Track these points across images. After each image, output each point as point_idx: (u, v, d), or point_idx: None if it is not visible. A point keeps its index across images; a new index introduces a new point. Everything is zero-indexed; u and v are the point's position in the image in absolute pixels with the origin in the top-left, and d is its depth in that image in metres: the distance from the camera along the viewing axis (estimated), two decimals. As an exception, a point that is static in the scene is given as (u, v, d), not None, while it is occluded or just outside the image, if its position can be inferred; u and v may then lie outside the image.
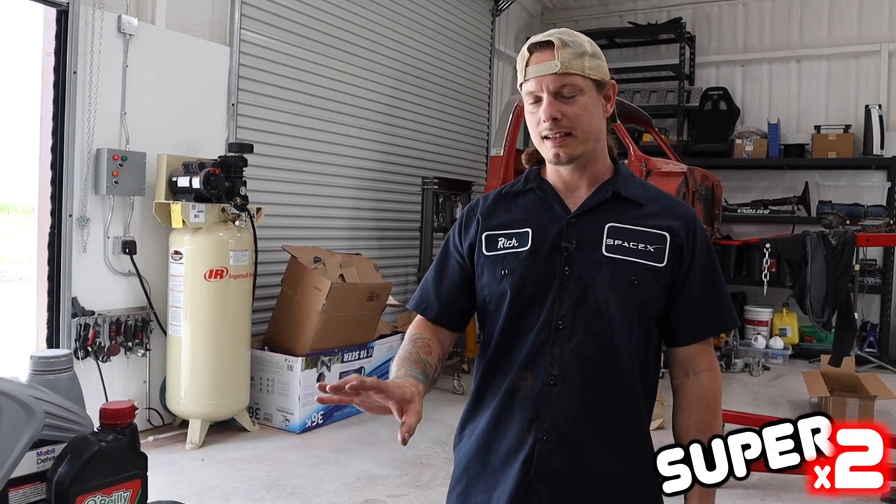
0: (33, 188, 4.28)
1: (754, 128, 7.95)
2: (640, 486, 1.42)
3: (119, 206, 4.41)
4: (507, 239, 1.46)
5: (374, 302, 5.08)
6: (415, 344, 1.48)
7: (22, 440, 1.07)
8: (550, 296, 1.40)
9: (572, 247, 1.41)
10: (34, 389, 1.10)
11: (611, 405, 1.40)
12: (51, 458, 1.10)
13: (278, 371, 4.73)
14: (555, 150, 1.41)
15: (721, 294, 1.49)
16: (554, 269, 1.41)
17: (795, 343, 7.50)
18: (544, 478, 1.38)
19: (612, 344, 1.39)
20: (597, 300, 1.39)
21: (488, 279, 1.47)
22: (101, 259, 4.35)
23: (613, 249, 1.40)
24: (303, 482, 3.88)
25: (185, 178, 4.36)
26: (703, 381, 1.47)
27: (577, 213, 1.44)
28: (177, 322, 4.35)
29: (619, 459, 1.41)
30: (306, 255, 4.94)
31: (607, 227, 1.42)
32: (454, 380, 5.87)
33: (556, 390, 1.38)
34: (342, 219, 6.10)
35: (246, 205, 4.49)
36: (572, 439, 1.38)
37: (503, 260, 1.45)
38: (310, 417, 4.74)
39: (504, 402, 1.43)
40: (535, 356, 1.40)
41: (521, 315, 1.42)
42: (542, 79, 1.38)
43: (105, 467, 1.08)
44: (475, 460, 1.47)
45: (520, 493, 1.38)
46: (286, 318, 4.87)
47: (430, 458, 4.29)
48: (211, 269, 4.30)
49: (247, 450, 4.34)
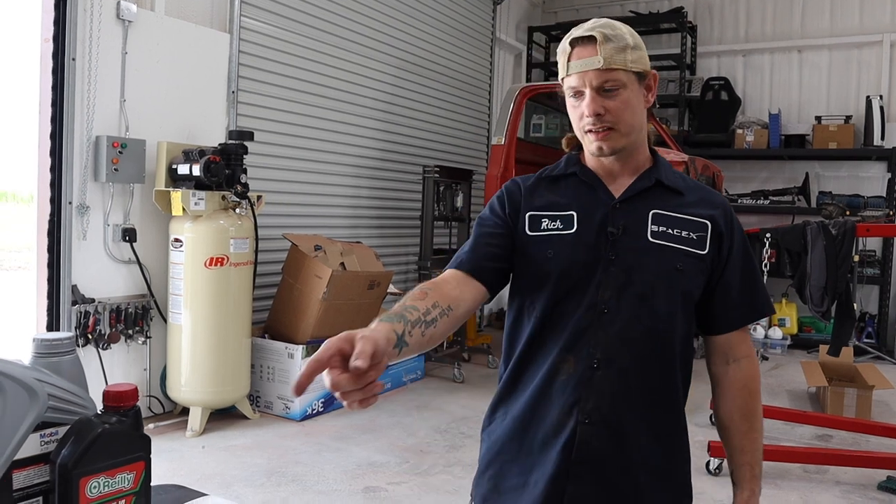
0: (33, 176, 4.27)
1: (755, 118, 7.94)
2: (677, 471, 1.46)
3: (119, 194, 4.40)
4: (552, 221, 1.45)
5: (374, 290, 5.08)
6: (409, 295, 1.30)
7: (25, 422, 1.07)
8: (595, 280, 1.40)
9: (619, 232, 1.41)
10: (37, 372, 1.10)
11: (652, 390, 1.41)
12: (54, 440, 1.09)
13: (279, 359, 4.73)
14: (598, 144, 1.41)
15: (758, 281, 1.51)
16: (599, 253, 1.41)
17: (794, 333, 7.50)
18: (585, 461, 1.38)
19: (655, 329, 1.40)
20: (642, 286, 1.39)
21: (531, 260, 1.45)
22: (100, 247, 4.34)
23: (658, 236, 1.41)
24: (303, 469, 3.89)
25: (185, 165, 4.35)
26: (743, 367, 1.50)
27: (622, 198, 1.44)
28: (177, 310, 4.35)
29: (658, 444, 1.42)
30: (307, 242, 4.93)
31: (651, 214, 1.43)
32: (454, 368, 5.88)
33: (599, 374, 1.38)
34: (343, 207, 6.09)
35: (246, 192, 4.48)
36: (614, 423, 1.38)
37: (548, 241, 1.44)
38: (310, 405, 4.74)
39: (544, 384, 1.42)
40: (578, 339, 1.39)
41: (564, 298, 1.41)
42: (585, 74, 1.38)
43: (108, 449, 1.07)
44: (510, 443, 1.47)
45: (559, 477, 1.38)
46: (287, 306, 4.87)
47: (430, 446, 4.30)
48: (211, 256, 4.29)
49: (247, 437, 4.35)
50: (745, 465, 1.48)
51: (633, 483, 1.40)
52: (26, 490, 1.08)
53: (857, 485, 3.87)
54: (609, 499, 1.39)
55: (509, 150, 6.25)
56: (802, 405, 5.42)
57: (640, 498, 1.40)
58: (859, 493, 3.78)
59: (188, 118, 4.75)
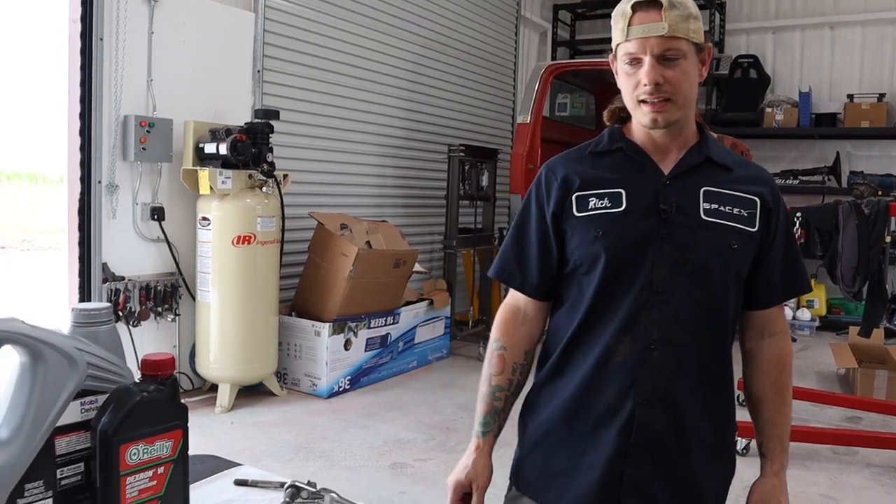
0: (62, 156, 4.31)
1: (785, 96, 7.81)
2: (726, 447, 1.46)
3: (147, 173, 4.44)
4: (599, 199, 1.41)
5: (400, 269, 5.09)
6: (489, 362, 1.50)
7: (66, 390, 1.08)
8: (647, 259, 1.37)
9: (672, 210, 1.37)
10: (76, 341, 1.11)
11: (707, 369, 1.40)
12: (94, 407, 1.11)
13: (306, 337, 4.77)
14: (652, 116, 1.36)
15: (798, 258, 1.49)
16: (651, 231, 1.37)
17: (823, 315, 7.42)
18: (645, 444, 1.36)
19: (711, 308, 1.38)
20: (697, 264, 1.36)
21: (579, 241, 1.42)
22: (130, 225, 4.39)
23: (711, 213, 1.38)
24: (331, 445, 3.93)
25: (211, 144, 4.37)
26: (779, 342, 1.49)
27: (672, 175, 1.40)
28: (205, 287, 4.39)
29: (711, 423, 1.41)
30: (333, 221, 4.95)
31: (703, 191, 1.39)
32: (480, 347, 5.89)
33: (656, 355, 1.35)
34: (368, 186, 6.10)
35: (273, 171, 4.49)
36: (673, 405, 1.37)
37: (596, 221, 1.40)
38: (337, 382, 4.78)
39: (597, 366, 1.39)
40: (633, 320, 1.36)
41: (615, 278, 1.38)
42: (647, 41, 1.32)
43: (147, 417, 1.09)
44: (559, 426, 1.44)
45: (617, 459, 1.36)
46: (313, 285, 4.90)
47: (456, 424, 4.32)
48: (238, 234, 4.32)
49: (275, 413, 4.40)
50: (775, 437, 1.47)
51: (688, 463, 1.39)
52: (68, 456, 1.10)
53: (887, 467, 3.83)
54: (667, 479, 1.38)
55: (535, 128, 6.21)
56: (831, 387, 5.36)
57: (695, 477, 1.40)
58: (890, 475, 3.74)
59: (214, 97, 4.77)
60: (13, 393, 1.08)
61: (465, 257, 6.57)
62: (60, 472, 1.09)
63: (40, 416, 1.07)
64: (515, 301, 1.53)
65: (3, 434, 1.06)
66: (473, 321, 6.43)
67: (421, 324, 5.54)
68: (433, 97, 6.76)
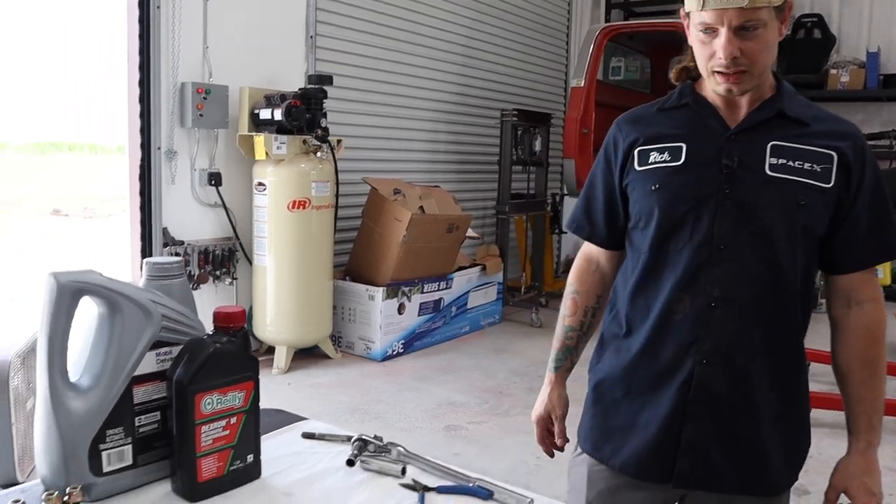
0: (122, 124, 4.40)
1: (851, 57, 7.50)
2: (795, 414, 1.40)
3: (204, 139, 4.50)
4: (660, 153, 1.39)
5: (453, 234, 5.10)
6: (564, 304, 1.57)
7: (142, 340, 1.12)
8: (707, 215, 1.33)
9: (733, 165, 1.33)
10: (150, 293, 1.14)
11: (772, 331, 1.35)
12: (168, 358, 1.14)
13: (360, 301, 4.82)
14: (727, 87, 1.31)
15: (889, 221, 1.39)
16: (711, 187, 1.33)
17: (887, 284, 7.13)
18: (703, 403, 1.34)
19: (775, 267, 1.33)
20: (761, 221, 1.32)
21: (639, 195, 1.40)
22: (188, 191, 4.47)
23: (777, 169, 1.32)
24: (385, 407, 3.98)
25: (266, 110, 4.41)
26: (866, 311, 1.40)
27: (738, 130, 1.35)
28: (262, 252, 4.46)
29: (776, 386, 1.37)
30: (386, 186, 4.96)
31: (770, 146, 1.33)
32: (532, 313, 5.88)
33: (717, 313, 1.33)
34: (420, 151, 6.09)
35: (327, 136, 4.52)
36: (734, 364, 1.33)
37: (654, 175, 1.38)
38: (390, 346, 4.83)
39: (657, 324, 1.37)
40: (694, 277, 1.33)
41: (671, 234, 1.36)
42: (725, 13, 1.25)
43: (220, 368, 1.11)
44: (619, 382, 1.44)
45: (675, 417, 1.35)
46: (367, 249, 4.94)
47: (510, 388, 4.34)
48: (294, 199, 4.37)
49: (330, 376, 4.47)
50: (861, 414, 1.39)
51: (750, 424, 1.35)
52: (145, 404, 1.14)
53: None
54: (726, 439, 1.35)
55: (589, 92, 6.10)
56: (895, 355, 5.21)
57: (758, 442, 1.36)
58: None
59: (268, 64, 4.80)
60: (92, 343, 1.12)
61: (517, 223, 6.53)
62: (138, 420, 1.13)
63: (119, 366, 1.11)
64: (589, 249, 1.57)
65: (85, 382, 1.10)
66: (526, 287, 6.41)
67: (473, 289, 5.55)
68: (486, 61, 6.69)
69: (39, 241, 9.73)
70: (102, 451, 1.10)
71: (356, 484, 1.19)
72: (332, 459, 1.28)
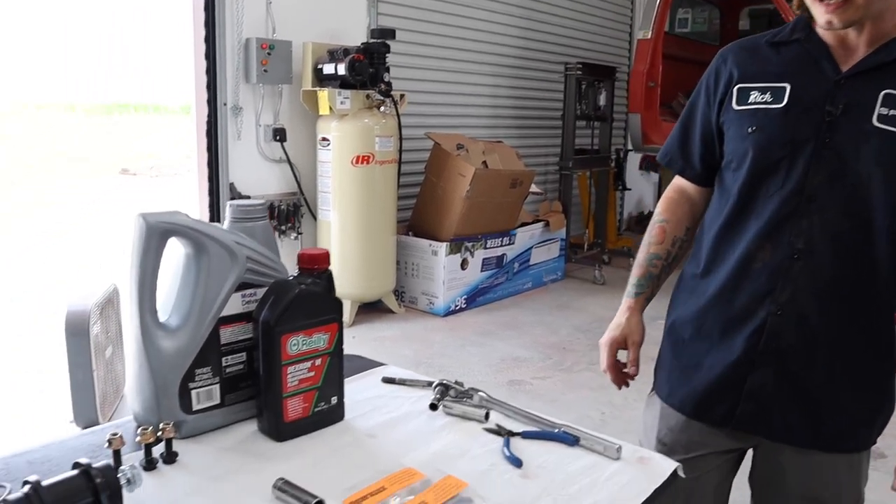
0: (188, 81, 4.45)
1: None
2: (874, 379, 1.33)
3: (269, 95, 4.52)
4: (761, 93, 1.30)
5: (516, 189, 5.04)
6: (650, 232, 1.50)
7: (228, 281, 1.12)
8: (802, 163, 1.25)
9: (837, 112, 1.23)
10: (235, 235, 1.14)
11: (858, 289, 1.27)
12: (253, 300, 1.14)
13: (423, 256, 4.83)
14: (827, 17, 1.21)
15: None
16: (810, 133, 1.25)
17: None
18: (773, 353, 1.29)
19: (869, 224, 1.24)
20: (858, 175, 1.22)
21: (733, 135, 1.33)
22: (254, 146, 4.51)
23: (886, 120, 1.20)
24: (449, 361, 4.00)
25: (330, 65, 4.40)
26: None
27: (849, 73, 1.24)
28: (326, 207, 4.49)
29: (854, 347, 1.30)
30: (449, 141, 4.93)
31: (883, 95, 1.21)
32: (595, 270, 5.82)
33: (799, 265, 1.26)
34: (482, 107, 6.02)
35: (390, 91, 4.48)
36: (810, 318, 1.27)
37: (752, 115, 1.30)
38: (453, 301, 4.84)
39: (736, 270, 1.32)
40: (779, 226, 1.27)
41: (762, 179, 1.29)
42: None
43: (305, 309, 1.11)
44: (690, 323, 1.41)
45: (741, 364, 1.32)
46: (430, 205, 4.93)
47: (573, 344, 4.31)
48: (357, 154, 4.37)
49: (394, 329, 4.51)
50: None
51: (818, 379, 1.30)
52: (232, 345, 1.14)
53: None
54: (792, 394, 1.31)
55: (656, 44, 5.93)
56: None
57: (825, 395, 1.30)
58: None
59: (331, 18, 4.78)
60: (179, 284, 1.13)
61: (580, 179, 6.43)
62: (225, 361, 1.14)
63: (206, 306, 1.11)
64: (681, 182, 1.52)
65: (174, 322, 1.11)
66: (588, 244, 6.33)
67: (536, 245, 5.50)
68: (549, 14, 6.54)
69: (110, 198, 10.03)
70: (192, 389, 1.11)
71: (439, 427, 1.18)
72: (413, 404, 1.28)
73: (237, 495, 0.98)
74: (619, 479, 1.05)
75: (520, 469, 1.06)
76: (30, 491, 0.82)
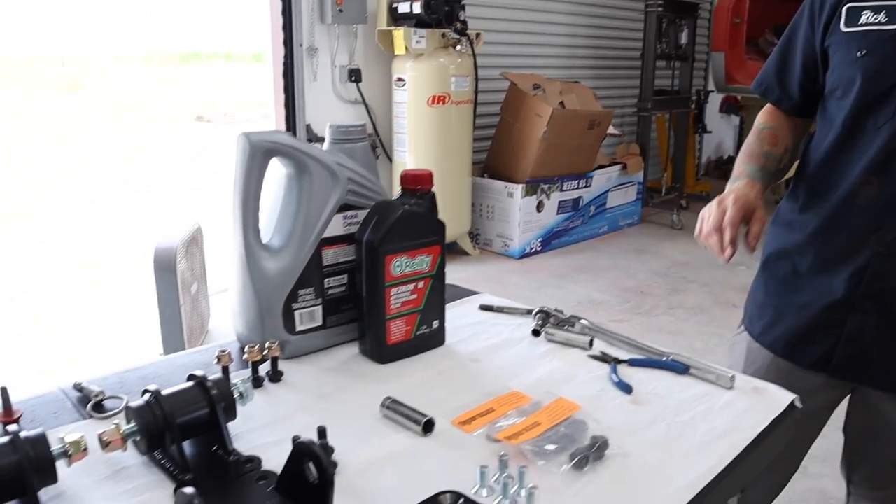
0: (264, 22, 4.44)
1: None
2: None
3: (344, 35, 4.49)
4: (875, 13, 1.18)
5: (594, 130, 4.92)
6: (759, 135, 1.38)
7: (330, 202, 1.11)
8: None
9: None
10: (336, 156, 1.12)
11: None
12: (355, 221, 1.13)
13: (498, 198, 4.78)
14: None
15: None
16: None
17: None
18: (875, 296, 1.21)
19: None
20: None
21: (840, 60, 1.22)
22: (329, 87, 4.50)
23: None
24: (525, 303, 3.93)
25: (405, 3, 4.33)
26: None
27: None
28: (401, 147, 4.47)
29: None
30: (526, 82, 4.82)
31: None
32: (673, 214, 5.67)
33: None
34: (560, 46, 5.85)
35: (465, 30, 4.40)
36: None
37: (863, 38, 1.18)
38: (529, 244, 4.80)
39: (838, 207, 1.23)
40: (888, 161, 1.17)
41: (870, 109, 1.18)
42: None
43: (409, 230, 1.10)
44: (785, 259, 1.33)
45: (841, 305, 1.24)
46: (506, 146, 4.86)
47: (651, 288, 4.22)
48: (433, 94, 4.32)
49: (469, 271, 4.50)
50: None
51: None
52: (334, 267, 1.13)
53: None
54: (893, 339, 1.22)
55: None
56: None
57: None
58: None
59: (405, -45, 4.67)
60: (282, 204, 1.12)
61: (658, 121, 6.23)
62: (327, 282, 1.13)
63: (308, 227, 1.10)
64: (774, 110, 1.42)
65: (277, 242, 1.10)
66: (666, 188, 6.16)
67: (613, 188, 5.39)
68: (629, -53, 6.27)
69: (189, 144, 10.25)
70: (295, 310, 1.11)
71: (543, 353, 1.16)
72: (513, 331, 1.26)
73: (345, 413, 0.97)
74: (734, 409, 1.01)
75: (630, 395, 1.03)
76: (150, 398, 0.83)
